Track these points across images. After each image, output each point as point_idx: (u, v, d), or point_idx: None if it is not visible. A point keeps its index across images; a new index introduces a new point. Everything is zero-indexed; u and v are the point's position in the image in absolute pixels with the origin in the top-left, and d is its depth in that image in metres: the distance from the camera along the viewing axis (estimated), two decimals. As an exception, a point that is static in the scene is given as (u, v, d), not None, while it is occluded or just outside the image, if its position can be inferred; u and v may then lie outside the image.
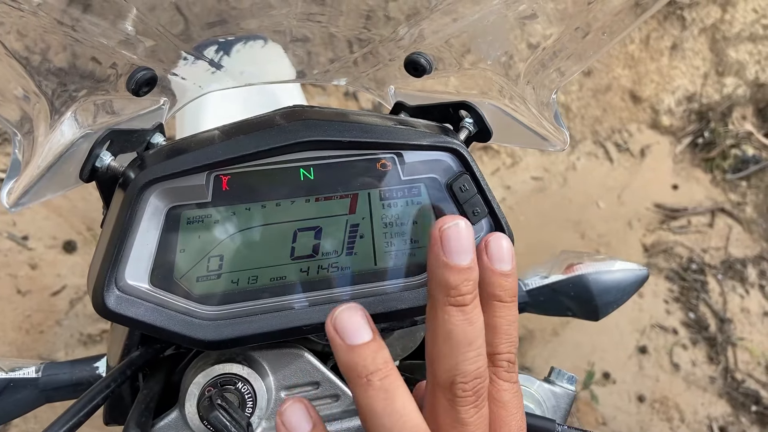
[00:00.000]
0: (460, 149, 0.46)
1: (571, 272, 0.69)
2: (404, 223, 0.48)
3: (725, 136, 3.17)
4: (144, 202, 0.42)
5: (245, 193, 0.44)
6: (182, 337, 0.43)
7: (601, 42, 0.44)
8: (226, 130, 0.44)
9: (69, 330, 1.87)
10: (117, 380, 0.47)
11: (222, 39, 0.56)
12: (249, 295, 0.46)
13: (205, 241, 0.44)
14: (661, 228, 2.88)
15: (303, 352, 0.52)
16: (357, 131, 0.44)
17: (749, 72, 3.25)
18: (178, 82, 0.54)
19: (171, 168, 0.41)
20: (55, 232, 1.98)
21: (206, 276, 0.45)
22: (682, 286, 2.71)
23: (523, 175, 2.81)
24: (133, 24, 0.45)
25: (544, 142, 0.51)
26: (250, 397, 0.48)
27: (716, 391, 2.46)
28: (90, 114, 0.45)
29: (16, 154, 0.39)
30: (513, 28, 0.48)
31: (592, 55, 0.45)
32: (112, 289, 0.41)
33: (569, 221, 2.76)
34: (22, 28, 0.40)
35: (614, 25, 0.43)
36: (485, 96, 0.52)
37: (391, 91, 0.57)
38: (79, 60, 0.43)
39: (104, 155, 0.43)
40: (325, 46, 0.57)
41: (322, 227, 0.46)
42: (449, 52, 0.50)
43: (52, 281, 1.91)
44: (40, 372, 0.60)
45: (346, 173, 0.46)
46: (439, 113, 0.52)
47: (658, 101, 3.16)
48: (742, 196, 3.11)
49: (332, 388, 0.52)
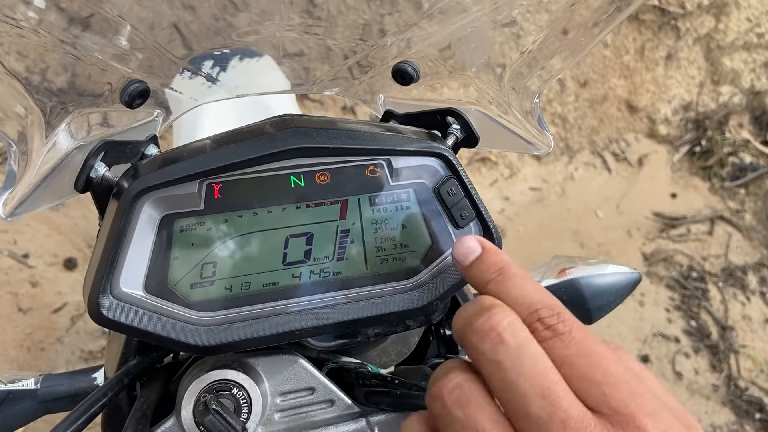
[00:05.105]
0: (446, 154, 0.47)
1: (564, 276, 0.70)
2: (394, 228, 0.49)
3: (722, 144, 3.18)
4: (138, 211, 0.43)
5: (237, 200, 0.45)
6: (177, 342, 0.44)
7: (582, 44, 0.45)
8: (217, 139, 0.45)
9: (70, 347, 1.87)
10: (114, 389, 0.48)
11: (218, 53, 0.57)
12: (242, 300, 0.46)
13: (198, 248, 0.45)
14: (660, 236, 2.89)
15: (298, 358, 0.52)
16: (345, 138, 0.45)
17: (744, 80, 3.27)
18: (173, 95, 0.55)
19: (163, 177, 0.42)
20: (55, 250, 1.99)
21: (200, 283, 0.45)
22: (682, 294, 2.71)
23: (522, 186, 2.82)
24: (131, 40, 0.46)
25: (529, 146, 0.52)
26: (245, 402, 0.49)
27: (719, 399, 2.45)
28: (84, 126, 0.46)
29: (12, 166, 0.40)
30: (496, 36, 0.49)
31: (573, 58, 0.46)
32: (107, 296, 0.42)
33: (568, 231, 2.76)
34: (20, 44, 0.41)
35: (594, 27, 0.44)
36: (471, 102, 0.54)
37: (380, 99, 0.58)
38: (73, 74, 0.45)
39: (99, 166, 0.44)
40: (317, 58, 0.58)
41: (313, 233, 0.47)
42: (435, 60, 0.51)
43: (52, 299, 1.92)
44: (39, 383, 0.61)
45: (335, 180, 0.47)
46: (427, 120, 0.53)
47: (654, 111, 3.17)
48: (740, 204, 3.11)
49: (327, 394, 0.52)
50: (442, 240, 0.50)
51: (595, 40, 0.44)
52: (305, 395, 0.52)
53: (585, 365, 0.33)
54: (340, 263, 0.48)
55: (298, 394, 0.52)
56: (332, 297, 0.48)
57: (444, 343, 0.65)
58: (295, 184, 0.46)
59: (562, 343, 0.34)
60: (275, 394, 0.51)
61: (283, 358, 0.52)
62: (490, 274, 0.39)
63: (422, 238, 0.49)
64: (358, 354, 0.61)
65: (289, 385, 0.52)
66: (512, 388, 0.33)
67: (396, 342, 0.62)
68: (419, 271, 0.50)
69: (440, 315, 0.56)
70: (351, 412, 0.53)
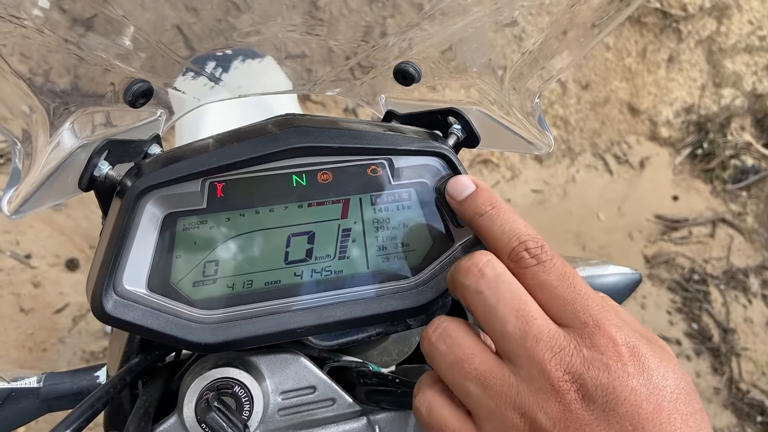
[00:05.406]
0: (447, 154, 0.48)
1: (565, 277, 0.70)
2: (395, 227, 0.49)
3: (724, 146, 3.18)
4: (141, 209, 0.43)
5: (239, 199, 0.45)
6: (179, 340, 0.44)
7: (582, 44, 0.46)
8: (220, 138, 0.45)
9: (72, 348, 1.87)
10: (117, 386, 0.48)
11: (220, 53, 0.58)
12: (244, 299, 0.47)
13: (200, 246, 0.45)
14: (662, 239, 2.89)
15: (299, 357, 0.53)
16: (347, 137, 0.45)
17: (746, 83, 3.27)
18: (176, 95, 0.55)
19: (166, 175, 0.42)
20: (57, 251, 2.00)
21: (202, 281, 0.46)
22: (684, 296, 2.71)
23: (523, 188, 2.83)
24: (134, 40, 0.46)
25: (530, 146, 0.52)
26: (247, 400, 0.49)
27: (721, 401, 2.45)
28: (88, 125, 0.46)
29: (17, 164, 0.40)
30: (497, 36, 0.49)
31: (574, 58, 0.47)
32: (111, 293, 0.43)
33: (570, 233, 2.76)
34: (24, 44, 0.41)
35: (594, 27, 0.44)
36: (472, 102, 0.54)
37: (382, 100, 0.58)
38: (77, 73, 0.45)
39: (102, 164, 0.44)
40: (319, 59, 0.58)
41: (315, 232, 0.47)
42: (436, 60, 0.52)
43: (54, 299, 1.92)
44: (42, 382, 0.61)
45: (337, 179, 0.47)
46: (429, 120, 0.54)
47: (656, 113, 3.18)
48: (742, 206, 3.11)
49: (328, 392, 0.53)
50: (443, 239, 0.50)
51: (595, 40, 0.45)
52: (306, 394, 0.52)
53: (561, 287, 0.38)
54: (342, 262, 0.48)
55: (300, 392, 0.52)
56: (333, 295, 0.48)
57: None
58: (297, 183, 0.46)
59: (544, 269, 0.39)
60: (277, 393, 0.52)
61: (284, 356, 0.52)
62: (484, 208, 0.44)
63: (423, 237, 0.50)
64: (359, 353, 0.61)
65: (290, 384, 0.52)
66: (492, 312, 0.38)
67: (397, 341, 0.62)
68: (420, 270, 0.50)
69: (441, 314, 0.56)
70: (352, 411, 0.53)
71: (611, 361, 0.35)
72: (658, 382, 0.35)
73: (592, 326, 0.36)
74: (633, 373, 0.35)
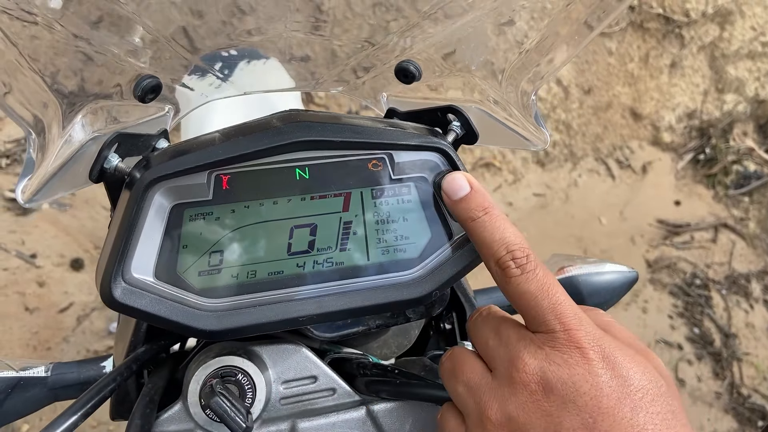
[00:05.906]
0: (446, 149, 0.49)
1: (562, 274, 0.71)
2: (395, 220, 0.50)
3: (726, 152, 3.19)
4: (149, 200, 0.44)
5: (244, 191, 0.47)
6: (185, 327, 0.45)
7: (576, 42, 0.47)
8: (225, 132, 0.47)
9: (76, 346, 1.89)
10: (123, 374, 0.49)
11: (225, 54, 0.59)
12: (248, 288, 0.48)
13: (206, 237, 0.47)
14: (664, 244, 2.89)
15: (301, 348, 0.54)
16: (349, 132, 0.47)
17: (749, 89, 3.28)
18: (183, 92, 0.57)
19: (174, 167, 0.44)
20: (62, 251, 2.01)
21: (207, 270, 0.47)
22: (686, 301, 2.71)
23: (525, 192, 2.84)
24: (143, 37, 0.48)
25: (527, 142, 0.53)
26: (250, 388, 0.50)
27: (722, 406, 2.45)
28: (99, 118, 0.47)
29: (31, 154, 0.41)
30: (496, 36, 0.51)
31: (569, 55, 0.48)
32: (119, 281, 0.44)
33: (572, 237, 2.77)
34: (37, 41, 0.43)
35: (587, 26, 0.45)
36: (471, 100, 0.55)
37: (383, 98, 0.60)
38: (88, 69, 0.46)
39: (112, 157, 0.46)
40: (322, 58, 0.60)
41: (317, 224, 0.49)
42: (437, 59, 0.53)
43: (59, 298, 1.94)
44: (50, 371, 0.62)
45: (339, 172, 0.48)
46: (429, 117, 0.55)
47: (658, 118, 3.19)
48: (744, 212, 3.12)
49: (329, 383, 0.54)
50: (442, 232, 0.51)
51: (589, 37, 0.46)
52: (308, 383, 0.54)
53: (540, 296, 0.41)
54: (343, 254, 0.50)
55: (301, 382, 0.54)
56: (334, 286, 0.50)
57: (443, 336, 0.67)
58: (300, 176, 0.48)
59: (526, 279, 0.42)
60: (279, 382, 0.53)
61: (287, 347, 0.54)
62: (476, 213, 0.46)
63: (422, 231, 0.51)
64: (359, 345, 0.62)
65: (292, 373, 0.53)
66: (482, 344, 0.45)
67: (397, 334, 0.63)
68: (419, 262, 0.51)
69: (440, 308, 0.57)
70: (352, 401, 0.54)
71: (572, 359, 0.39)
72: (624, 381, 0.38)
73: (560, 331, 0.40)
74: (597, 370, 0.38)
